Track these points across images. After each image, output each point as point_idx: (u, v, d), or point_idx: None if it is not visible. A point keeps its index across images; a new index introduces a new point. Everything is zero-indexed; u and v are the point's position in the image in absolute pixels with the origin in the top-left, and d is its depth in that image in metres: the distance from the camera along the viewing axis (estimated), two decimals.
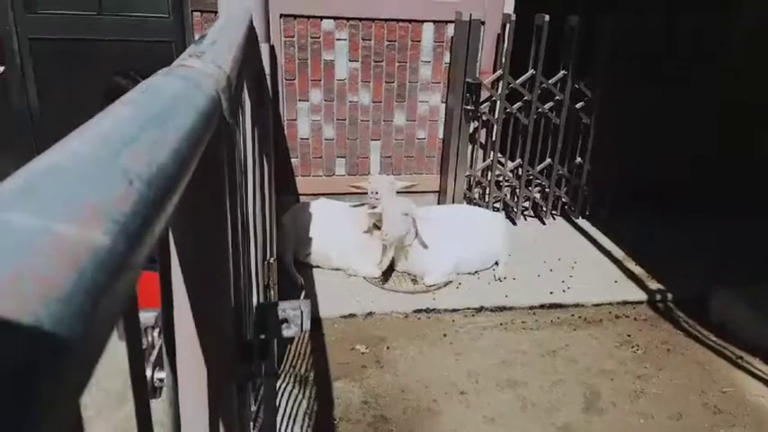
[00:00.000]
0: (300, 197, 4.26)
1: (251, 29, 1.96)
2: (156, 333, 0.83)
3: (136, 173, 0.31)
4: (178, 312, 0.65)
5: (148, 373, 0.70)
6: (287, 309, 0.87)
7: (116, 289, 0.26)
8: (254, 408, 1.87)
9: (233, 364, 0.77)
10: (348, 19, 3.96)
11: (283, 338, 2.71)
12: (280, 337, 0.89)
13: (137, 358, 0.43)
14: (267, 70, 2.23)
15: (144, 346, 0.81)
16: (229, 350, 0.75)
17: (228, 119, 0.67)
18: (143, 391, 0.44)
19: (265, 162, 2.35)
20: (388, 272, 3.62)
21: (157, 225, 0.32)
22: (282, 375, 2.76)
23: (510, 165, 4.44)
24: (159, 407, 0.76)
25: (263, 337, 0.88)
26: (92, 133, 0.34)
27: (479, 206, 4.35)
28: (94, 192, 0.27)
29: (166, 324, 0.57)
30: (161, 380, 0.72)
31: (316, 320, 3.21)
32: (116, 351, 0.70)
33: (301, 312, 0.87)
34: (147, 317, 0.80)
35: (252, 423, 1.79)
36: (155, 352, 0.75)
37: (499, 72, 4.14)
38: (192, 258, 0.64)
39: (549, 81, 4.19)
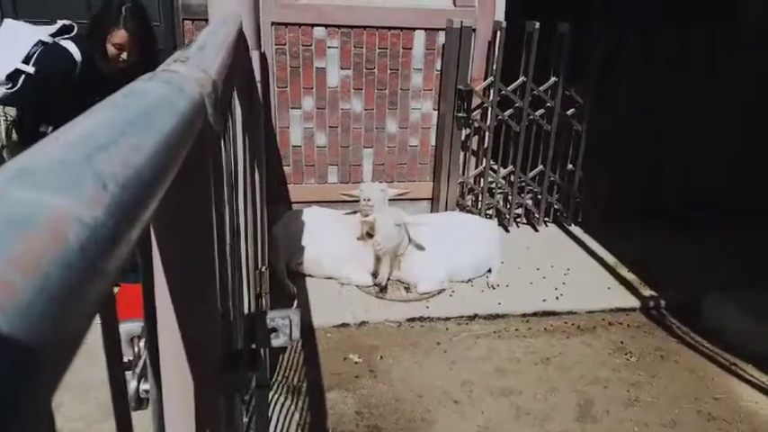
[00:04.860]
0: (293, 205, 4.25)
1: (240, 35, 1.95)
2: (142, 343, 0.81)
3: (110, 176, 0.30)
4: (163, 321, 0.63)
5: (134, 384, 0.69)
6: (276, 318, 0.85)
7: (87, 295, 0.25)
8: (245, 419, 1.85)
9: (221, 374, 0.75)
10: (339, 27, 3.96)
11: (272, 348, 2.68)
12: (269, 346, 0.88)
13: (116, 368, 0.41)
14: (258, 77, 2.22)
15: (130, 357, 0.79)
16: (217, 360, 0.73)
17: (214, 124, 0.66)
18: (123, 403, 0.43)
19: (256, 169, 2.33)
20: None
21: (133, 230, 0.31)
22: (275, 386, 2.73)
23: (502, 172, 4.44)
24: (148, 417, 0.74)
25: (252, 346, 0.87)
26: (67, 137, 0.33)
27: (472, 213, 4.35)
28: (64, 195, 0.26)
29: (150, 333, 0.56)
30: (147, 391, 0.70)
31: (309, 330, 3.19)
32: (99, 361, 0.68)
33: (290, 321, 0.85)
34: (133, 327, 0.78)
35: None
36: (141, 362, 0.73)
37: (490, 79, 4.15)
38: (177, 265, 0.62)
39: (540, 88, 4.21)
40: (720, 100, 4.45)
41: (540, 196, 4.56)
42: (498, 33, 4.04)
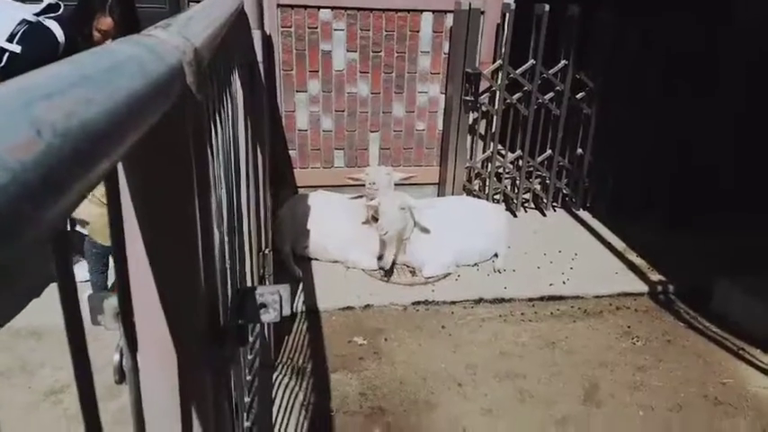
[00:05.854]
0: (299, 189, 4.24)
1: (242, 15, 1.93)
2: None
3: (48, 123, 0.29)
4: (141, 292, 0.62)
5: (116, 357, 0.68)
6: (265, 293, 0.84)
7: (13, 241, 0.24)
8: (247, 399, 1.86)
9: (207, 349, 0.74)
10: (346, 9, 3.92)
11: (273, 327, 2.65)
12: (258, 321, 0.87)
13: (77, 338, 0.40)
14: (260, 58, 2.20)
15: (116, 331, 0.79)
16: (201, 335, 0.72)
17: (195, 92, 0.65)
18: (86, 380, 0.42)
19: (259, 151, 2.32)
20: None
21: (76, 181, 0.30)
22: (279, 367, 2.74)
23: (510, 156, 4.40)
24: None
25: (240, 322, 0.86)
26: (12, 84, 0.32)
27: (479, 198, 4.32)
28: None
29: (122, 302, 0.55)
30: None
31: (314, 312, 3.19)
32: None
33: (280, 297, 0.84)
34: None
35: (246, 414, 1.77)
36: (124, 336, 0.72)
37: (499, 62, 4.10)
38: (155, 233, 0.61)
39: (550, 71, 4.15)
40: (723, 90, 4.37)
41: (548, 181, 4.52)
42: (507, 16, 3.98)
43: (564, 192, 4.62)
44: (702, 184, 4.43)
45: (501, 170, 4.45)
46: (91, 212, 2.63)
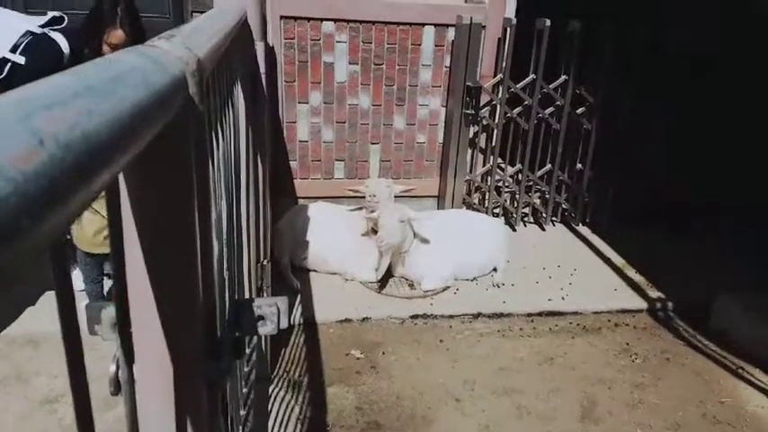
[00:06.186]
0: (299, 200, 4.23)
1: (245, 26, 1.94)
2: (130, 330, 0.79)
3: (51, 134, 0.28)
4: (139, 303, 0.62)
5: (113, 368, 0.67)
6: (263, 305, 0.84)
7: (12, 251, 0.23)
8: (243, 412, 1.84)
9: (203, 361, 0.74)
10: (348, 21, 3.94)
11: (271, 340, 2.64)
12: (255, 334, 0.86)
13: (73, 348, 0.40)
14: (262, 69, 2.21)
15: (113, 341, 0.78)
16: (198, 347, 0.71)
17: (198, 103, 0.64)
18: (82, 390, 0.41)
19: (260, 162, 2.32)
20: (386, 277, 3.59)
21: (78, 192, 0.29)
22: (275, 380, 2.72)
23: (510, 170, 4.41)
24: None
25: (237, 334, 0.85)
26: (14, 95, 0.32)
27: (479, 211, 4.32)
28: None
29: (120, 312, 0.55)
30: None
31: (311, 325, 3.18)
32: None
33: (278, 309, 0.84)
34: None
35: (241, 427, 1.76)
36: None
37: (500, 76, 4.12)
38: (155, 246, 0.61)
39: (550, 86, 4.17)
40: (729, 99, 4.39)
41: (547, 195, 4.52)
42: (508, 30, 4.00)
43: (563, 206, 4.62)
44: (702, 194, 4.44)
45: (501, 184, 4.45)
46: (80, 217, 2.62)
